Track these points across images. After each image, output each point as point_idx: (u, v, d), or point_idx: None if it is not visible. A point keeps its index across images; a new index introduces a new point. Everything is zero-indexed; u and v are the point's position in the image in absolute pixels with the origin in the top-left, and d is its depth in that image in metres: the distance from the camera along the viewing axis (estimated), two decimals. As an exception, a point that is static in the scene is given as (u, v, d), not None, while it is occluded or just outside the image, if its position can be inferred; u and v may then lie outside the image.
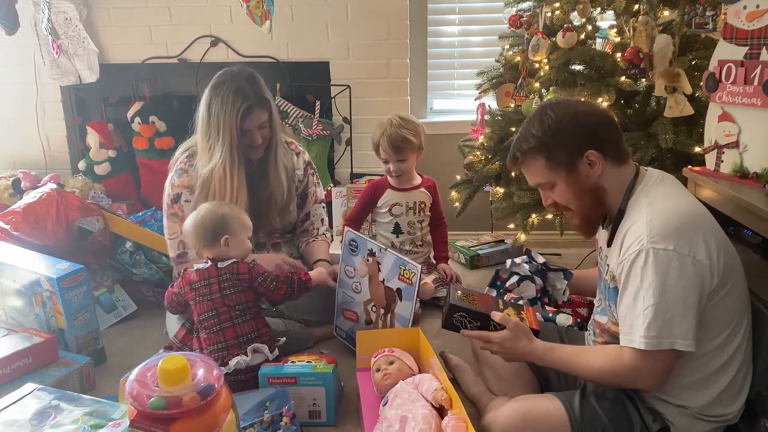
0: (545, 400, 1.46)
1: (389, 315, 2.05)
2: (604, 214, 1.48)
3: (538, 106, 1.51)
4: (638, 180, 1.43)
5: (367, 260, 1.98)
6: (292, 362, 1.73)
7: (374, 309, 2.04)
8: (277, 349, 1.78)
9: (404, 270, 2.00)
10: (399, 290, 2.02)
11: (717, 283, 1.31)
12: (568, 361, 1.44)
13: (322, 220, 2.35)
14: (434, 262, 2.51)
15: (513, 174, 2.48)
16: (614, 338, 1.46)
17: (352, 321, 2.07)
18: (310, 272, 1.92)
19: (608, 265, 1.47)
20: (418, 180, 2.46)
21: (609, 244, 1.46)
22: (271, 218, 2.16)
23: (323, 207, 2.36)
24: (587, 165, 1.40)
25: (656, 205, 1.35)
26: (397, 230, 2.43)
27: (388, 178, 2.45)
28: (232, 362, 1.68)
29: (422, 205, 2.44)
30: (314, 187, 2.31)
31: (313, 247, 2.28)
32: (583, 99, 1.46)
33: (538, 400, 1.48)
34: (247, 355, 1.70)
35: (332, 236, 2.50)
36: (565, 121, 1.40)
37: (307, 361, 1.73)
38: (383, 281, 2.01)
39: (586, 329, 1.70)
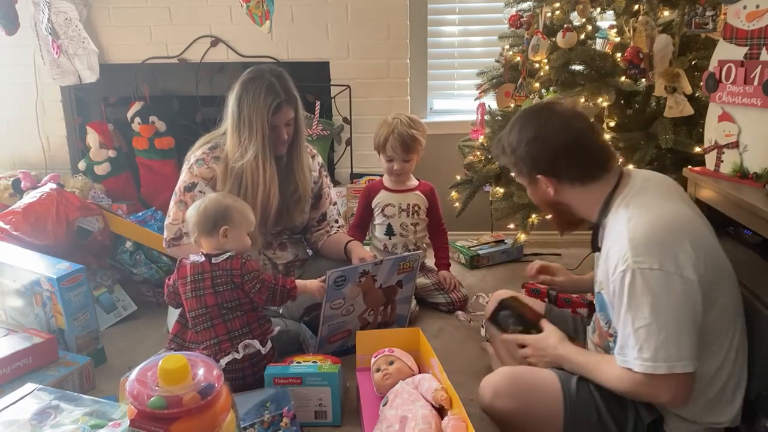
0: (542, 371, 1.46)
1: (389, 306, 2.05)
2: (576, 221, 1.52)
3: (521, 113, 1.53)
4: (618, 190, 1.40)
5: (360, 281, 1.94)
6: (297, 362, 1.73)
7: (371, 313, 2.04)
8: (270, 342, 1.78)
9: (404, 264, 2.00)
10: (399, 282, 2.02)
11: (704, 295, 1.28)
12: (590, 369, 1.41)
13: (336, 220, 2.38)
14: (435, 268, 2.51)
15: (513, 174, 2.49)
16: (602, 336, 1.49)
17: (343, 339, 2.04)
18: (299, 281, 1.84)
19: (595, 268, 1.49)
20: (414, 183, 2.45)
21: (594, 249, 1.48)
22: (295, 215, 2.20)
23: (336, 207, 2.39)
24: (543, 184, 1.45)
25: (637, 220, 1.31)
26: (389, 232, 2.43)
27: (384, 178, 2.45)
28: (224, 361, 1.68)
29: (416, 208, 2.43)
30: (328, 188, 2.35)
31: (336, 237, 2.30)
32: (562, 111, 1.45)
33: (535, 371, 1.47)
34: (238, 352, 1.70)
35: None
36: (523, 144, 1.44)
37: (313, 361, 1.73)
38: (380, 286, 2.00)
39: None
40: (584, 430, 1.39)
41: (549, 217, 1.59)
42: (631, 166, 2.13)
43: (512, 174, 1.56)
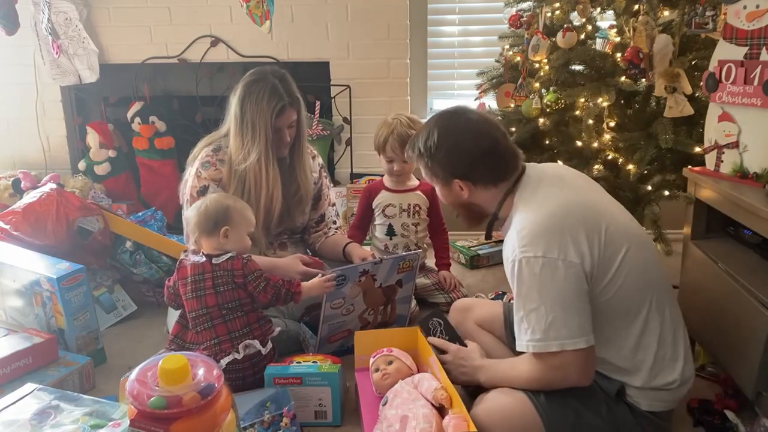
0: (509, 394, 1.46)
1: (389, 306, 2.05)
2: (484, 216, 1.61)
3: (432, 118, 1.58)
4: (516, 186, 1.50)
5: (360, 281, 1.94)
6: (297, 362, 1.73)
7: (371, 313, 2.04)
8: (270, 342, 1.78)
9: (403, 263, 2.00)
10: (399, 281, 2.02)
11: (597, 274, 1.36)
12: (506, 378, 1.49)
13: (334, 222, 2.38)
14: (435, 268, 2.51)
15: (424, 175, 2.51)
16: None
17: (343, 338, 2.04)
18: (305, 284, 1.85)
19: None
20: (414, 183, 2.45)
21: (487, 237, 1.63)
22: (296, 215, 2.20)
23: (334, 209, 2.39)
24: (458, 187, 1.53)
25: (526, 214, 1.42)
26: (390, 232, 2.43)
27: (384, 179, 2.45)
28: (224, 361, 1.68)
29: (417, 208, 2.42)
30: (327, 189, 2.34)
31: (334, 238, 2.30)
32: (478, 119, 1.53)
33: (502, 394, 1.48)
34: (238, 352, 1.71)
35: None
36: (443, 150, 1.51)
37: (313, 361, 1.73)
38: (380, 286, 2.00)
39: None
40: (568, 431, 1.41)
41: (457, 215, 1.67)
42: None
43: (423, 175, 1.62)
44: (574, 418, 1.40)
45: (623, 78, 2.22)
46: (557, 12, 2.38)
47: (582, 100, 2.26)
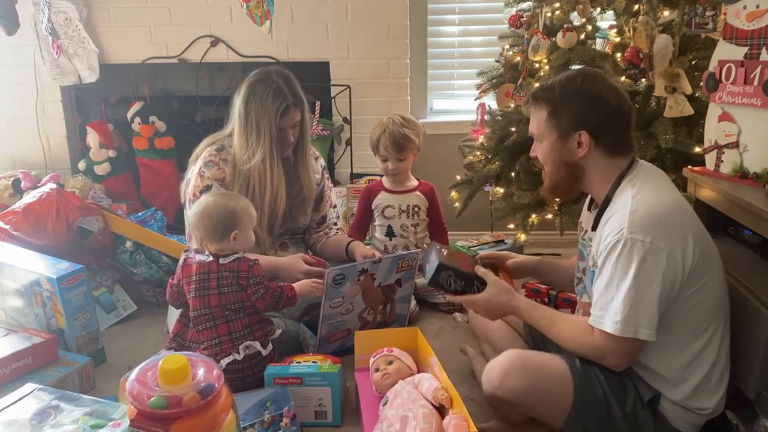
0: (544, 354, 1.51)
1: (388, 305, 2.05)
2: (568, 191, 1.58)
3: (580, 69, 1.56)
4: (629, 171, 1.46)
5: (359, 279, 1.94)
6: (297, 362, 1.73)
7: (370, 312, 2.04)
8: (270, 344, 1.78)
9: (402, 262, 2.00)
10: (398, 280, 2.02)
11: (688, 280, 1.35)
12: (544, 324, 1.51)
13: (335, 223, 2.39)
14: None
15: (513, 174, 2.49)
16: None
17: (342, 338, 2.04)
18: (295, 285, 1.85)
19: (590, 248, 1.52)
20: (413, 183, 2.45)
21: (594, 227, 1.50)
22: (299, 216, 2.21)
23: (335, 210, 2.40)
24: (576, 142, 1.45)
25: (641, 197, 1.38)
26: (389, 233, 2.43)
27: (383, 180, 2.45)
28: (224, 361, 1.69)
29: (416, 209, 2.43)
30: (329, 191, 2.36)
31: (335, 238, 2.32)
32: (617, 85, 1.53)
33: (537, 353, 1.53)
34: (239, 353, 1.71)
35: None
36: (584, 97, 1.45)
37: (313, 362, 1.73)
38: (379, 285, 2.00)
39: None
40: (591, 406, 1.42)
41: (544, 178, 1.58)
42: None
43: (534, 126, 1.53)
44: (602, 395, 1.41)
45: (623, 78, 2.22)
46: (557, 12, 2.38)
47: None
